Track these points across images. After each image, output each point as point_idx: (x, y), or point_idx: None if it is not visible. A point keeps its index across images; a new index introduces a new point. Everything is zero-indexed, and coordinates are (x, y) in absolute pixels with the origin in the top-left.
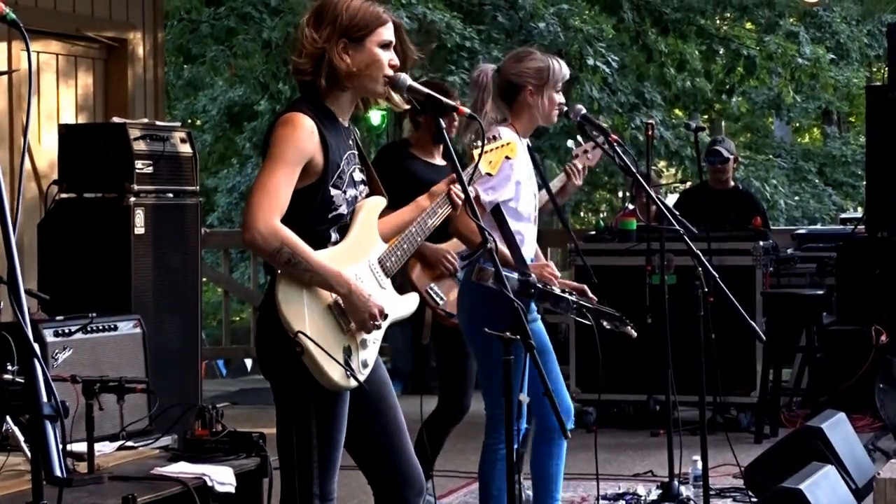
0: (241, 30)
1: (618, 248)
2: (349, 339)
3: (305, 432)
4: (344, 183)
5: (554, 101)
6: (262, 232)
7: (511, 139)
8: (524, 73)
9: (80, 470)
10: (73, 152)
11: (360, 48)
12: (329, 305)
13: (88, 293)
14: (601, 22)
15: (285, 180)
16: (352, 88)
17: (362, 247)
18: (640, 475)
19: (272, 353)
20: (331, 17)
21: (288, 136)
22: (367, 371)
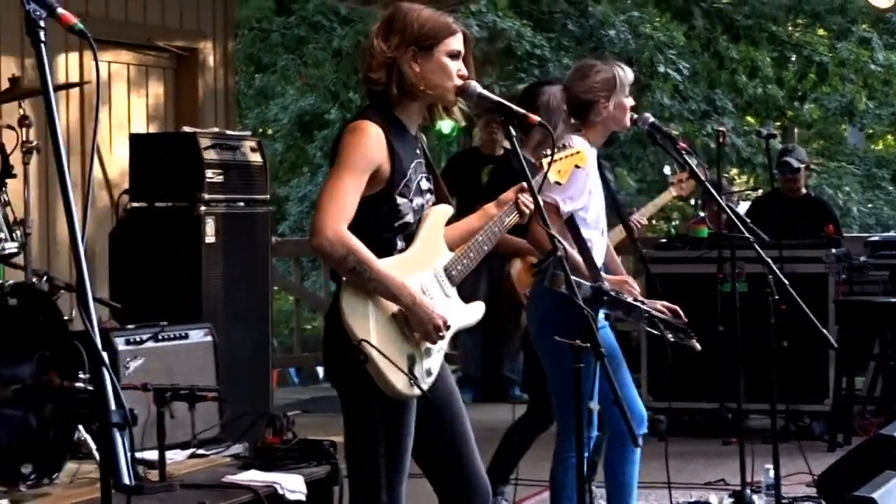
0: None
1: (689, 256)
2: (413, 347)
3: (372, 440)
4: (411, 192)
5: (625, 107)
6: (330, 238)
7: (581, 147)
8: (594, 88)
9: (152, 478)
10: (143, 162)
11: (430, 57)
12: (394, 314)
13: (159, 302)
14: (672, 29)
15: (353, 188)
16: (421, 98)
17: (428, 255)
18: (712, 484)
19: (338, 362)
20: (400, 27)
21: (356, 144)
22: (431, 380)
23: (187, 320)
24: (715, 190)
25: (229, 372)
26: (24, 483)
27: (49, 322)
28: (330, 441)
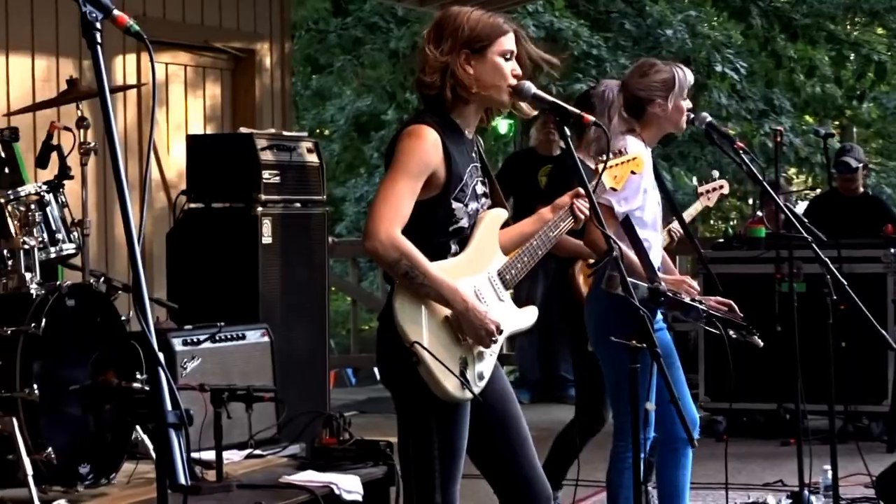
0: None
1: (746, 256)
2: (466, 350)
3: (425, 442)
4: (466, 196)
5: (682, 109)
6: (383, 242)
7: (637, 153)
8: (651, 87)
9: (209, 478)
10: (200, 163)
11: (483, 59)
12: (447, 317)
13: (216, 302)
14: (729, 28)
15: (408, 191)
16: (476, 100)
17: (482, 259)
18: (770, 485)
19: (391, 364)
20: (451, 30)
21: (412, 148)
22: (483, 383)
23: (244, 321)
24: (772, 190)
25: (286, 372)
26: (81, 483)
27: (107, 323)
28: (386, 442)
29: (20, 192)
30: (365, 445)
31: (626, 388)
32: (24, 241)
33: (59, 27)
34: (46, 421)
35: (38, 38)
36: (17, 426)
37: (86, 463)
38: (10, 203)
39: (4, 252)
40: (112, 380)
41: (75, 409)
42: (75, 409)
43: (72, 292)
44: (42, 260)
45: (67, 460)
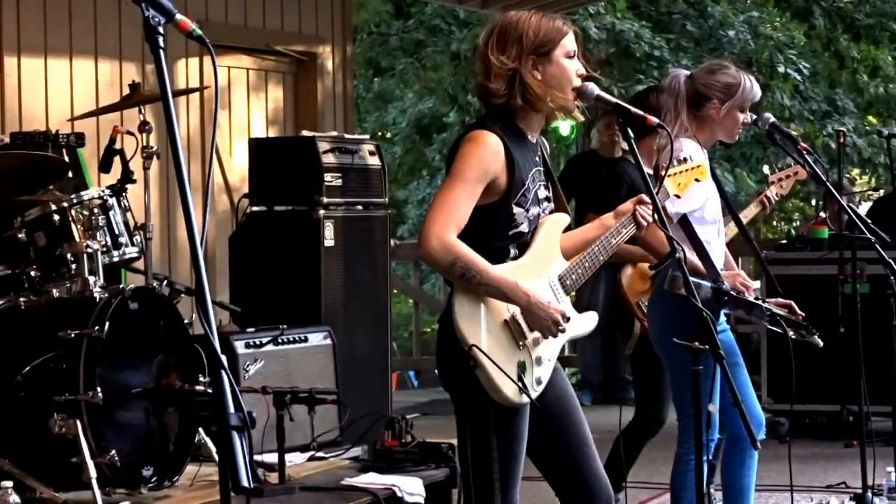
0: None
1: (809, 258)
2: (524, 355)
3: (485, 446)
4: (528, 201)
5: (737, 120)
6: (435, 247)
7: (701, 161)
8: (713, 86)
9: (271, 480)
10: (263, 166)
11: (549, 62)
12: (506, 321)
13: (279, 305)
14: (792, 29)
15: (464, 197)
16: (545, 106)
17: (542, 263)
18: (833, 487)
19: (450, 367)
20: (515, 36)
21: (472, 154)
22: (541, 388)
23: (307, 323)
24: (836, 191)
25: (348, 375)
26: (145, 486)
27: (169, 326)
28: (448, 444)
29: (84, 197)
30: (427, 448)
31: (689, 389)
32: (87, 245)
33: (121, 32)
34: (110, 424)
35: (101, 43)
36: (80, 429)
37: (149, 465)
38: (74, 207)
39: (68, 256)
40: (175, 383)
41: (139, 412)
42: (139, 412)
43: (135, 296)
44: (105, 264)
45: (131, 463)
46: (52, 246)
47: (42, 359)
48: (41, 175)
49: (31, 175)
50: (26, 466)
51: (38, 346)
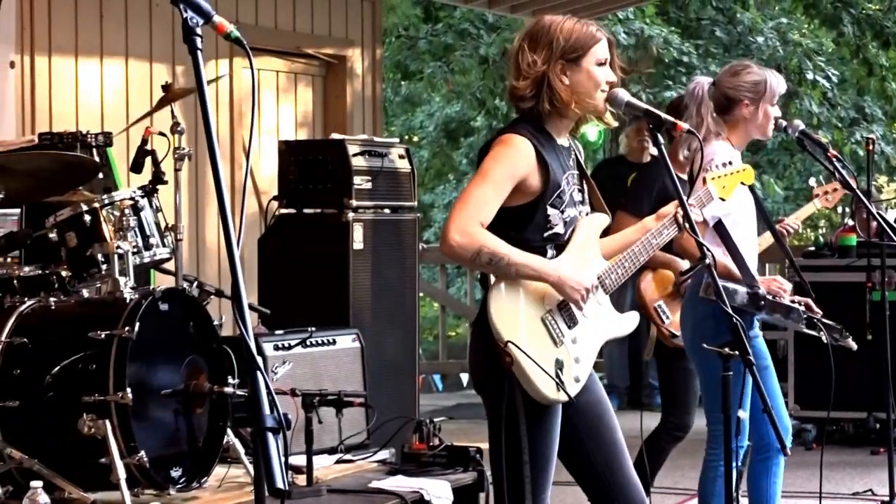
0: (459, 46)
1: (838, 265)
2: (562, 353)
3: (516, 447)
4: (563, 203)
5: (769, 115)
6: (458, 239)
7: (747, 165)
8: (740, 87)
9: (299, 482)
10: (292, 168)
11: (578, 68)
12: (542, 318)
13: (307, 307)
14: (821, 36)
15: (489, 196)
16: (572, 110)
17: (581, 262)
18: (860, 494)
19: (484, 367)
20: (546, 40)
21: (500, 155)
22: (579, 386)
23: (335, 326)
24: (864, 198)
25: (376, 377)
26: (173, 487)
27: (199, 328)
28: (476, 448)
29: (115, 197)
30: (455, 451)
31: (719, 395)
32: (118, 245)
33: (152, 33)
34: (139, 425)
35: (131, 44)
36: (110, 430)
37: (178, 467)
38: (105, 208)
39: (99, 256)
40: (204, 384)
41: (168, 413)
42: (168, 413)
43: (165, 297)
44: (136, 264)
45: (160, 464)
46: (83, 246)
47: (72, 359)
48: (72, 175)
49: (62, 175)
50: (55, 466)
51: (68, 347)
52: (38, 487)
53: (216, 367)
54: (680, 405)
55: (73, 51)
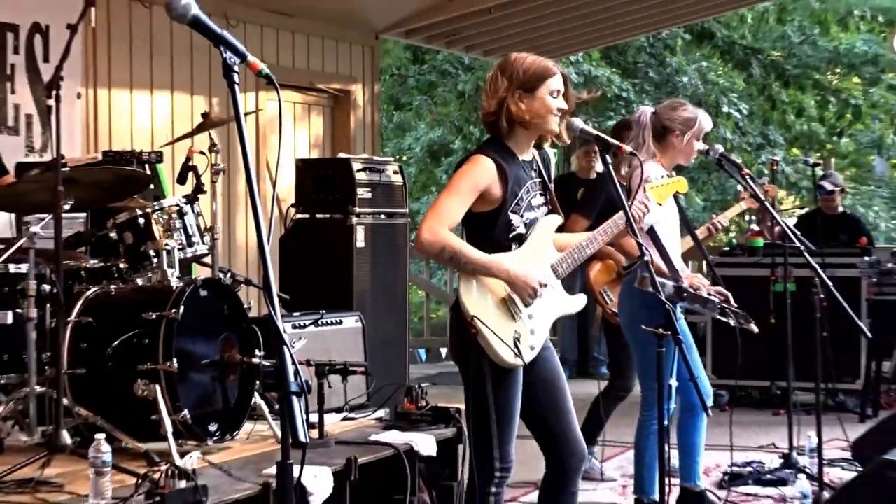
0: (441, 83)
1: (747, 262)
2: (520, 326)
3: (486, 409)
4: (522, 208)
5: (693, 148)
6: (427, 237)
7: (681, 177)
8: (675, 120)
9: (313, 436)
10: (307, 181)
11: (532, 97)
12: (503, 298)
13: (319, 294)
14: (734, 77)
15: (455, 203)
16: (526, 128)
17: (537, 254)
18: (765, 447)
19: (459, 343)
20: (510, 72)
21: (466, 172)
22: (534, 353)
23: (341, 309)
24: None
25: (374, 351)
26: (210, 438)
27: (232, 310)
28: (456, 408)
29: (164, 204)
30: (438, 411)
31: (654, 367)
32: (166, 243)
33: (193, 70)
34: (183, 388)
35: (176, 78)
36: (159, 392)
37: (214, 422)
38: (156, 213)
39: (150, 252)
40: (235, 356)
41: (206, 379)
42: (206, 379)
43: (204, 285)
44: (181, 259)
45: (199, 420)
46: (138, 244)
47: (128, 335)
48: (128, 186)
49: (120, 186)
50: (115, 422)
51: (126, 325)
52: (101, 438)
53: (245, 342)
54: (624, 371)
55: (128, 84)
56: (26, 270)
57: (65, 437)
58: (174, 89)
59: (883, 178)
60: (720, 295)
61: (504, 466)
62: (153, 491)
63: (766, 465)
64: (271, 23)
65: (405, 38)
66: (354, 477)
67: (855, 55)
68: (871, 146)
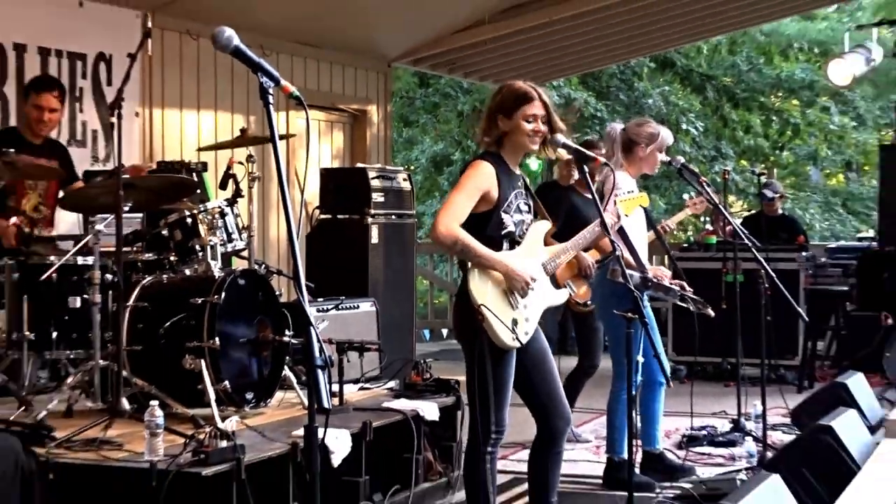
0: (443, 104)
1: (702, 256)
2: (517, 314)
3: (484, 380)
4: (512, 210)
5: (656, 159)
6: (443, 231)
7: (643, 193)
8: (640, 135)
9: (334, 403)
10: (329, 187)
11: (510, 120)
12: (504, 290)
13: (339, 283)
14: (691, 99)
15: (463, 201)
16: (510, 145)
17: (530, 253)
18: (717, 413)
19: (462, 323)
20: (497, 97)
21: (471, 174)
22: (528, 337)
23: (358, 296)
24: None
25: (386, 331)
26: (247, 405)
27: (265, 296)
28: (455, 380)
29: (208, 206)
30: (440, 382)
31: (623, 346)
32: (210, 239)
33: (233, 92)
34: (224, 362)
35: (219, 99)
36: (203, 366)
37: (250, 392)
38: (201, 213)
39: (196, 247)
40: (269, 335)
41: (243, 354)
42: (243, 354)
43: (242, 275)
44: (222, 252)
45: (238, 390)
46: (186, 240)
47: (178, 317)
48: (178, 191)
49: (171, 191)
50: (166, 391)
51: (175, 309)
52: (154, 405)
53: (277, 323)
54: (590, 351)
55: (178, 104)
56: (92, 262)
57: (124, 403)
58: (217, 108)
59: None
60: (679, 285)
61: (499, 430)
62: (199, 449)
63: (718, 430)
64: (300, 52)
65: (413, 65)
66: (369, 438)
67: (794, 81)
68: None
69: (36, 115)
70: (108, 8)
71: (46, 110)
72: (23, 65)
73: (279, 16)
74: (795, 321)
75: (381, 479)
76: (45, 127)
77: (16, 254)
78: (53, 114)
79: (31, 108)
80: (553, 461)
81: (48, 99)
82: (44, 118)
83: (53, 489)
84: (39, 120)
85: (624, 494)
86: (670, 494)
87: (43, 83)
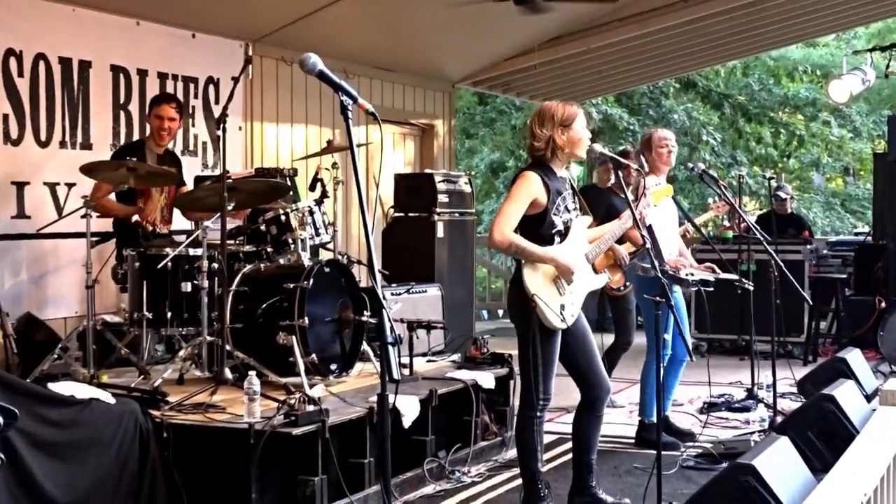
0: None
1: (722, 248)
2: (564, 300)
3: (534, 354)
4: (560, 211)
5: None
6: (498, 238)
7: (669, 185)
8: (644, 143)
9: (405, 373)
10: (402, 190)
11: (569, 130)
12: (554, 279)
13: (410, 271)
14: (711, 114)
15: (516, 209)
16: (566, 155)
17: (576, 245)
18: (733, 383)
19: (517, 308)
20: (549, 115)
21: (521, 185)
22: (573, 319)
23: (426, 281)
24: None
25: (449, 312)
26: (332, 375)
27: (348, 282)
28: (508, 354)
29: (299, 206)
30: (496, 356)
31: (654, 325)
32: (300, 234)
33: (321, 107)
34: (312, 338)
35: (309, 113)
36: (295, 341)
37: (334, 363)
38: (293, 212)
39: (289, 240)
40: (350, 315)
41: (328, 331)
42: (328, 331)
43: (328, 264)
44: (311, 245)
45: (324, 362)
46: (280, 234)
47: (273, 300)
48: (274, 192)
49: (269, 192)
50: (263, 362)
51: (271, 293)
52: (252, 374)
53: (357, 305)
54: (624, 329)
55: (275, 119)
56: (200, 253)
57: (227, 373)
58: (307, 123)
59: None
60: (709, 269)
61: (546, 397)
62: (290, 412)
63: (734, 397)
64: (378, 76)
65: (474, 86)
66: (435, 403)
67: (799, 99)
68: (811, 165)
69: (157, 125)
70: (216, 39)
71: (166, 119)
72: (145, 87)
73: (360, 45)
74: (801, 304)
75: (445, 438)
76: (165, 135)
77: (138, 246)
78: (172, 122)
79: (154, 119)
80: (594, 424)
81: (167, 110)
82: (164, 126)
83: (167, 446)
84: (160, 128)
85: (653, 452)
86: (693, 453)
87: (163, 97)
